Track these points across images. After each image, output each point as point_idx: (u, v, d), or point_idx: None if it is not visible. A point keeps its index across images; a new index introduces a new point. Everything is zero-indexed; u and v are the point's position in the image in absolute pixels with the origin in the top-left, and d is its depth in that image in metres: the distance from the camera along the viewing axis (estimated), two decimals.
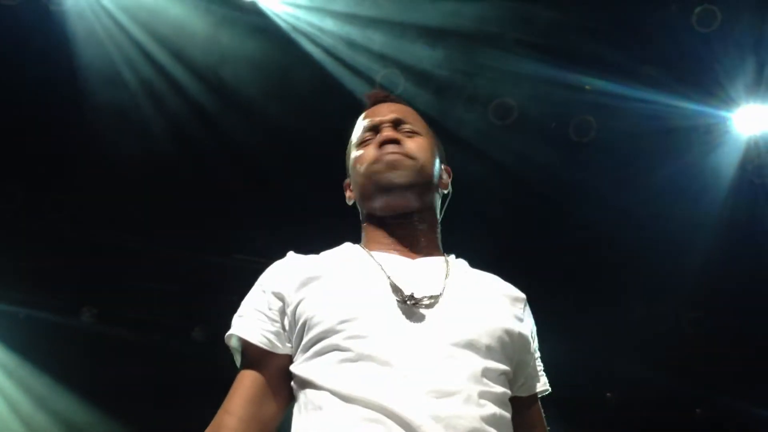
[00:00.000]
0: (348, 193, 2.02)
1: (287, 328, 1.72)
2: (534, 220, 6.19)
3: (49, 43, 5.28)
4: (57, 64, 5.35)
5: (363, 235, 1.93)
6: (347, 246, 1.90)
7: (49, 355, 6.48)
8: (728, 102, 5.68)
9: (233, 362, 1.87)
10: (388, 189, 1.82)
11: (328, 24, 5.36)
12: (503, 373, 1.68)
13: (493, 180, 5.71)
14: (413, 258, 1.81)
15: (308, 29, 5.41)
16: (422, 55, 5.48)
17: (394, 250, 1.83)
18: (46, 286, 6.50)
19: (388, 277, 1.70)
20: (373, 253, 1.81)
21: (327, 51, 5.46)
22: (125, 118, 5.64)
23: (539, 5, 5.31)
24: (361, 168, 1.88)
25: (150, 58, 5.45)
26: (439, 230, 1.93)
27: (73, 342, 6.54)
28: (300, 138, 5.82)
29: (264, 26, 5.40)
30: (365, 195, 1.88)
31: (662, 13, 5.37)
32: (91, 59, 5.35)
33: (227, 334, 1.79)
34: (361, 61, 5.49)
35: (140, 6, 5.24)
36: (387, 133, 1.88)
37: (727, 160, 5.95)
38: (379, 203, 1.85)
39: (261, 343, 1.72)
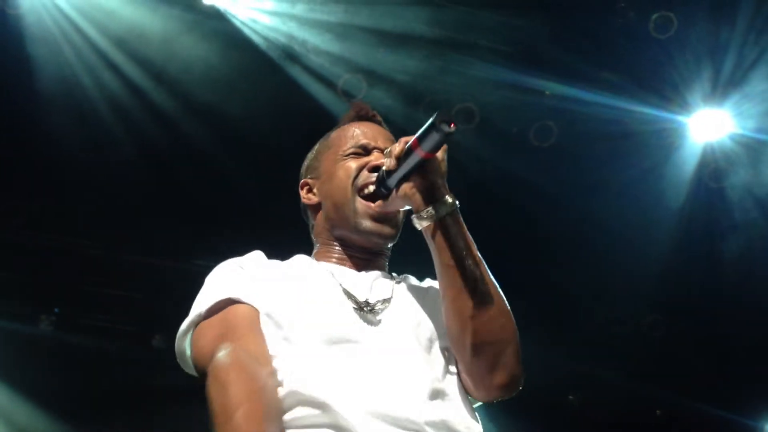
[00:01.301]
0: (307, 195, 2.00)
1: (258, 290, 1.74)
2: (494, 223, 6.23)
3: (6, 47, 5.19)
4: (13, 67, 5.27)
5: (318, 247, 1.95)
6: (302, 258, 1.92)
7: (7, 363, 6.36)
8: (685, 107, 5.78)
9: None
10: (368, 235, 1.85)
11: (291, 28, 5.35)
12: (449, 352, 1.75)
13: (453, 184, 5.73)
14: (360, 271, 1.86)
15: (270, 34, 5.39)
16: (384, 60, 5.49)
17: (346, 264, 1.87)
18: (3, 293, 6.38)
19: (341, 287, 1.76)
20: (325, 264, 1.86)
21: (289, 55, 5.45)
22: (84, 123, 5.57)
23: (501, 12, 5.36)
24: (344, 188, 1.87)
25: (109, 63, 5.39)
26: (388, 257, 1.99)
27: (31, 350, 6.43)
28: (262, 142, 5.79)
29: (225, 30, 5.37)
30: (337, 224, 1.90)
31: (620, 20, 5.44)
32: (48, 63, 5.28)
33: (216, 300, 1.75)
34: (323, 65, 5.49)
35: (97, 9, 5.18)
36: (382, 160, 1.86)
37: (685, 164, 6.05)
38: (351, 241, 1.88)
39: (245, 298, 1.73)
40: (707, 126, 5.86)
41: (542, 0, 5.35)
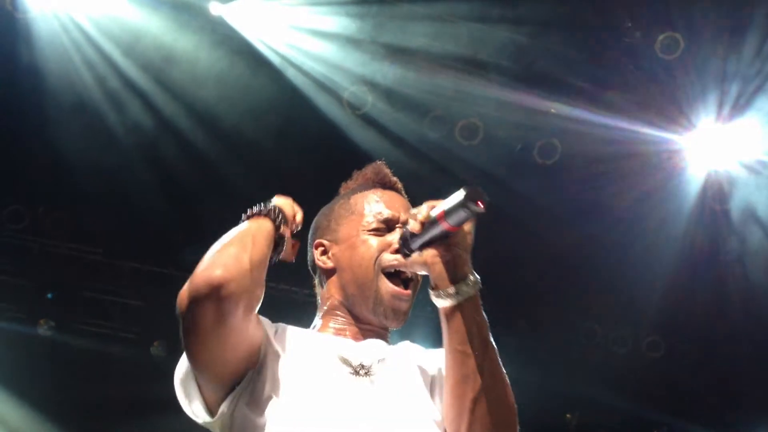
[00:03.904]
0: (322, 257, 1.98)
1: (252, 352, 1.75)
2: (496, 241, 6.22)
3: (13, 50, 5.22)
4: (19, 71, 5.29)
5: (324, 311, 1.96)
6: (299, 330, 1.93)
7: (5, 368, 6.34)
8: (689, 128, 5.77)
9: None
10: (383, 316, 1.84)
11: (297, 39, 5.37)
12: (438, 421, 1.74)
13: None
14: (358, 341, 1.86)
15: (276, 44, 5.41)
16: (390, 73, 5.50)
17: (347, 333, 1.87)
18: (2, 297, 6.38)
19: (338, 355, 1.76)
20: (324, 336, 1.87)
21: (294, 66, 5.47)
22: (87, 129, 5.58)
23: (508, 30, 5.37)
24: (367, 265, 1.85)
25: (115, 68, 5.41)
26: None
27: (29, 355, 6.41)
28: (267, 152, 5.80)
29: (231, 40, 5.39)
30: (353, 298, 1.88)
31: (627, 40, 5.45)
32: (55, 67, 5.30)
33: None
34: (328, 77, 5.50)
35: (105, 15, 5.20)
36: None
37: (688, 186, 6.05)
38: (363, 317, 1.87)
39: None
40: (712, 148, 5.85)
41: (549, 18, 5.35)
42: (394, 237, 1.86)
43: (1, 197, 6.07)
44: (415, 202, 2.09)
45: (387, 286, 1.83)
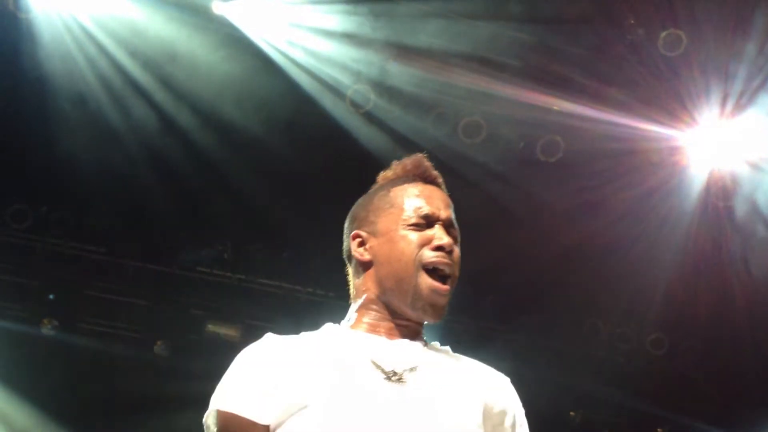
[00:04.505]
0: (359, 249, 1.92)
1: (270, 401, 1.71)
2: (500, 237, 6.22)
3: (15, 50, 5.22)
4: (22, 71, 5.29)
5: (353, 310, 1.91)
6: (329, 328, 1.89)
7: (8, 366, 6.36)
8: (692, 125, 5.76)
9: (194, 377, 1.85)
10: (421, 310, 1.82)
11: (299, 37, 5.37)
12: None
13: (459, 198, 5.72)
14: (393, 339, 1.83)
15: (279, 42, 5.41)
16: (393, 72, 5.50)
17: (378, 332, 1.85)
18: (6, 296, 6.39)
19: (371, 359, 1.74)
20: (356, 334, 1.84)
21: (297, 64, 5.47)
22: (91, 128, 5.59)
23: (510, 27, 5.37)
24: (407, 260, 1.83)
25: (119, 68, 5.41)
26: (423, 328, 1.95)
27: (32, 353, 6.43)
28: (271, 150, 5.80)
29: (234, 39, 5.39)
30: (391, 293, 1.85)
31: (630, 37, 5.45)
32: (58, 67, 5.31)
33: (211, 410, 1.76)
34: (331, 75, 5.50)
35: (110, 17, 5.21)
36: (445, 241, 1.84)
37: (692, 183, 6.04)
38: (400, 311, 1.85)
39: (255, 417, 1.70)
40: (715, 145, 5.84)
41: (553, 16, 5.34)
42: (434, 233, 1.85)
43: (5, 196, 6.08)
44: None
45: (426, 281, 1.81)
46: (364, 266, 1.90)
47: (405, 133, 5.62)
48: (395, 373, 1.72)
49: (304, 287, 6.79)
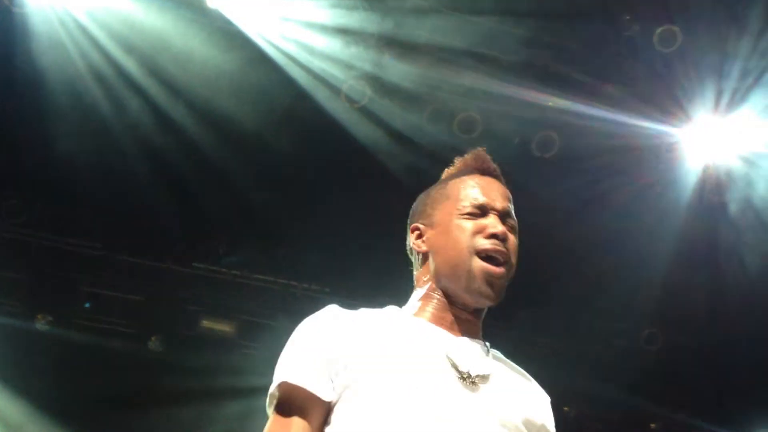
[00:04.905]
0: (417, 241, 1.95)
1: (335, 378, 1.71)
2: None
3: (9, 45, 5.21)
4: (15, 66, 5.28)
5: (418, 294, 1.92)
6: (393, 311, 1.89)
7: (3, 361, 6.35)
8: (687, 121, 5.78)
9: (189, 373, 1.85)
10: (475, 293, 1.84)
11: (294, 31, 5.36)
12: None
13: None
14: (457, 335, 1.84)
15: (274, 36, 5.40)
16: (389, 67, 5.50)
17: (440, 323, 1.85)
18: (1, 291, 6.38)
19: (446, 355, 1.75)
20: (422, 323, 1.84)
21: (292, 58, 5.46)
22: (86, 123, 5.58)
23: (506, 23, 5.36)
24: (461, 247, 1.85)
25: (113, 62, 5.40)
26: (482, 323, 1.95)
27: (27, 349, 6.42)
28: (264, 146, 5.80)
29: (228, 32, 5.37)
30: (450, 277, 1.87)
31: (626, 33, 5.45)
32: (52, 62, 5.29)
33: (276, 381, 1.75)
34: (326, 70, 5.49)
35: (104, 11, 5.19)
36: (499, 229, 1.87)
37: (687, 178, 6.05)
38: (455, 291, 1.86)
39: (317, 390, 1.70)
40: (709, 141, 5.86)
41: (548, 11, 5.35)
42: (488, 221, 1.88)
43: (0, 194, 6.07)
44: (413, 196, 2.10)
45: (480, 264, 1.83)
46: (423, 257, 1.93)
47: (400, 128, 5.62)
48: (470, 376, 1.73)
49: (299, 283, 6.78)
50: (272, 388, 1.74)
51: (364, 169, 5.75)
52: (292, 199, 6.04)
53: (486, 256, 1.84)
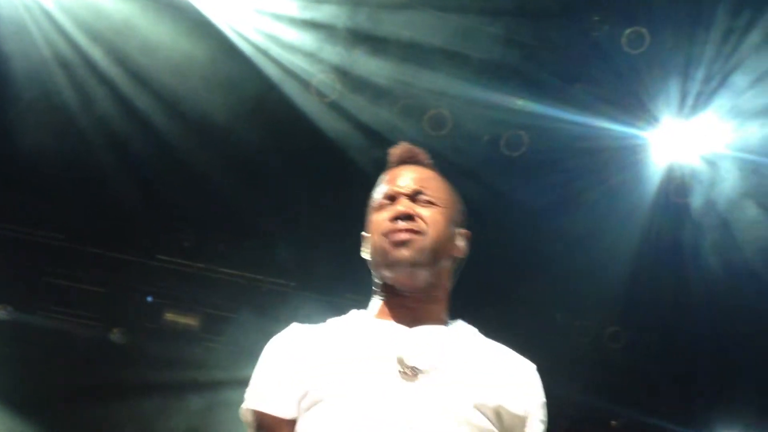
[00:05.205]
0: (363, 249, 2.03)
1: (297, 393, 1.79)
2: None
3: None
4: None
5: (373, 298, 1.97)
6: (353, 315, 1.95)
7: None
8: (652, 123, 5.85)
9: (151, 365, 1.88)
10: (393, 265, 1.87)
11: (265, 24, 5.32)
12: None
13: None
14: (411, 327, 1.86)
15: (244, 29, 5.36)
16: (360, 61, 5.48)
17: (396, 318, 1.88)
18: None
19: (397, 353, 1.77)
20: (377, 321, 1.90)
21: (262, 51, 5.42)
22: (49, 111, 5.49)
23: (478, 21, 5.38)
24: (375, 237, 1.93)
25: (81, 54, 5.32)
26: (446, 299, 1.98)
27: None
28: (232, 138, 5.75)
29: (197, 22, 5.32)
30: (375, 264, 1.93)
31: (594, 34, 5.50)
32: (14, 48, 5.20)
33: (243, 407, 1.85)
34: (297, 63, 5.46)
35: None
36: (401, 207, 1.91)
37: (652, 179, 6.13)
38: (386, 276, 1.91)
39: (279, 413, 1.79)
40: (674, 142, 5.94)
41: (520, 10, 5.37)
42: (397, 207, 1.92)
43: None
44: None
45: (388, 239, 1.89)
46: (369, 262, 1.99)
47: (370, 123, 5.61)
48: (415, 370, 1.74)
49: (265, 277, 6.75)
50: (243, 408, 1.84)
51: (332, 163, 5.74)
52: (260, 192, 6.01)
53: (392, 237, 1.88)
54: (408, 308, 1.89)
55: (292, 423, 1.78)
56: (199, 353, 6.61)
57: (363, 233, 2.02)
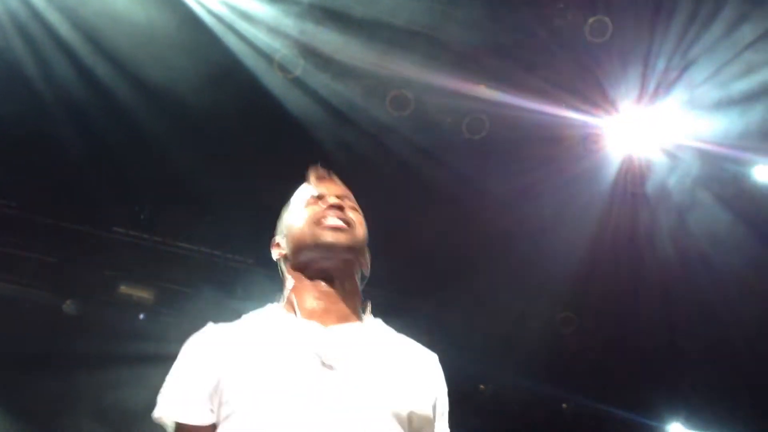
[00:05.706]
0: (275, 250, 2.09)
1: (213, 398, 1.80)
2: (420, 209, 6.27)
3: None
4: None
5: (285, 293, 1.98)
6: (269, 310, 1.96)
7: None
8: (611, 113, 5.91)
9: (104, 337, 1.86)
10: (329, 248, 1.93)
11: None
12: None
13: (385, 168, 5.76)
14: (328, 325, 1.88)
15: (208, 1, 5.28)
16: (324, 39, 5.44)
17: (314, 315, 1.90)
18: None
19: (312, 350, 1.80)
20: (293, 319, 1.90)
21: (226, 24, 5.35)
22: (5, 78, 5.36)
23: (442, 5, 5.37)
24: (302, 224, 1.98)
25: (40, 19, 5.19)
26: (359, 300, 2.00)
27: None
28: (194, 112, 5.68)
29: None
30: (301, 248, 1.97)
31: (557, 21, 5.52)
32: None
33: (156, 415, 1.84)
34: (261, 38, 5.40)
35: None
36: (333, 200, 2.00)
37: (610, 168, 6.20)
38: (314, 257, 1.95)
39: (195, 421, 1.80)
40: (632, 132, 6.01)
41: None
42: (329, 200, 2.00)
43: None
44: (343, 170, 2.14)
45: (321, 224, 1.96)
46: (284, 260, 2.04)
47: (333, 101, 5.58)
48: (332, 367, 1.78)
49: (222, 252, 6.71)
50: (156, 414, 1.84)
51: (293, 140, 5.70)
52: (219, 167, 5.95)
53: (327, 222, 1.95)
54: (327, 305, 1.91)
55: (210, 428, 1.78)
56: (153, 327, 6.56)
57: (275, 239, 2.08)
